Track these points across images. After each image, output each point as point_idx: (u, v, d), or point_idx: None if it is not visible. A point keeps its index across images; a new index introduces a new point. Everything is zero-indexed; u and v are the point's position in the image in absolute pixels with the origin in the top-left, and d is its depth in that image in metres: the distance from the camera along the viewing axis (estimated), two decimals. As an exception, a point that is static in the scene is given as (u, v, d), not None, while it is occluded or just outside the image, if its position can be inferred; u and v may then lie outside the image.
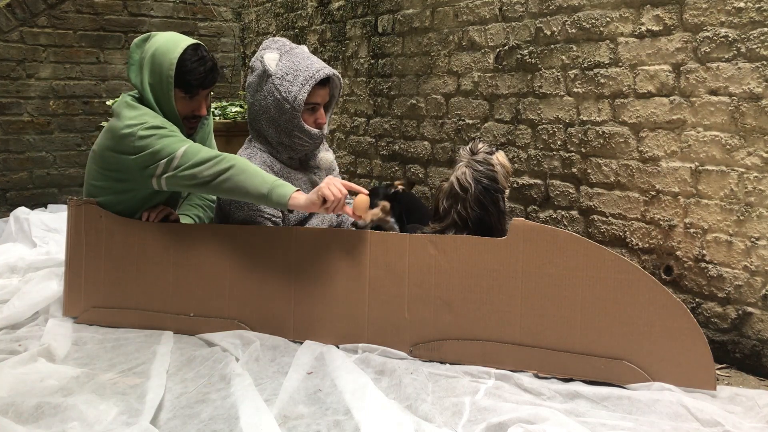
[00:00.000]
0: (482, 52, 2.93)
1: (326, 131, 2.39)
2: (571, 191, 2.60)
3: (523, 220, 1.97)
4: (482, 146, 2.15)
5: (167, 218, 2.38)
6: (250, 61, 4.90)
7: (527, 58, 2.72)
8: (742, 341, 2.11)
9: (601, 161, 2.47)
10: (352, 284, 2.13)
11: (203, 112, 2.37)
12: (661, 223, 2.29)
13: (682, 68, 2.19)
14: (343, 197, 2.04)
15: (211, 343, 2.18)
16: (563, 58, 2.58)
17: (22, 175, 4.31)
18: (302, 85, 2.22)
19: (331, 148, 2.47)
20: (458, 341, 2.03)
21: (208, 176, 2.12)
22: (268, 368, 1.99)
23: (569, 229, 2.59)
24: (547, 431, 1.55)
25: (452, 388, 1.85)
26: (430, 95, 3.24)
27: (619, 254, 1.97)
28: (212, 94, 4.26)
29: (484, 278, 1.99)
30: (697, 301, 2.22)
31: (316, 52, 4.00)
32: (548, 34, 2.62)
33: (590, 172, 2.51)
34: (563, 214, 2.63)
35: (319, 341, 2.15)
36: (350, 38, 3.77)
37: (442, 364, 2.03)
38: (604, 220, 2.48)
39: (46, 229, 3.40)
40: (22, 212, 3.54)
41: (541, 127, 2.69)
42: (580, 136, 2.54)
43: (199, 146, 2.19)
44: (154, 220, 2.34)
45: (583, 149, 2.53)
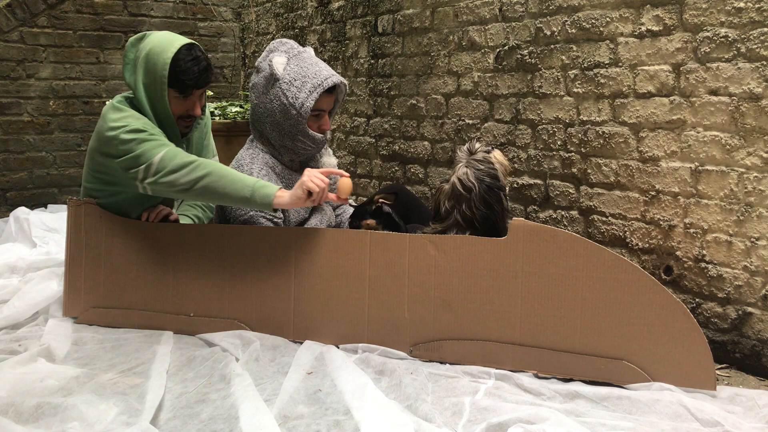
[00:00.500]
0: (482, 52, 2.93)
1: (329, 136, 2.39)
2: (571, 191, 2.60)
3: (523, 220, 1.97)
4: (479, 146, 2.16)
5: (167, 218, 2.38)
6: (249, 61, 4.92)
7: (527, 58, 2.72)
8: (742, 341, 2.11)
9: (601, 161, 2.47)
10: (352, 284, 2.13)
11: (197, 112, 2.35)
12: (661, 223, 2.29)
13: (682, 68, 2.20)
14: (326, 186, 2.07)
15: (211, 343, 2.18)
16: (563, 58, 2.58)
17: (22, 175, 4.31)
18: (310, 92, 2.22)
19: (330, 148, 2.47)
20: (458, 341, 2.03)
21: (185, 183, 2.12)
22: (268, 368, 1.99)
23: (569, 229, 2.59)
24: (547, 431, 1.55)
25: (452, 388, 1.85)
26: (430, 95, 3.24)
27: (619, 254, 1.97)
28: (210, 93, 4.26)
29: (484, 278, 1.99)
30: (697, 301, 2.22)
31: (316, 52, 4.00)
32: (548, 34, 2.62)
33: (590, 172, 2.51)
34: (563, 214, 2.63)
35: (319, 341, 2.15)
36: (350, 38, 3.77)
37: (442, 364, 2.03)
38: (604, 220, 2.48)
39: (46, 229, 3.40)
40: (22, 212, 3.54)
41: (541, 127, 2.69)
42: (580, 136, 2.54)
43: (176, 152, 2.16)
44: (153, 220, 2.34)
45: (583, 149, 2.53)
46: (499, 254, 1.97)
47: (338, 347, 2.11)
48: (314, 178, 2.06)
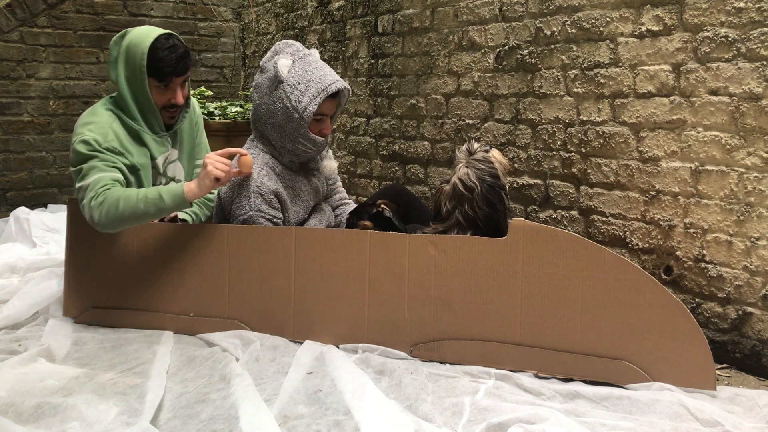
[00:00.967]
0: (482, 52, 2.93)
1: (330, 139, 2.40)
2: (571, 191, 2.60)
3: (523, 220, 1.97)
4: (478, 146, 2.16)
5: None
6: (249, 61, 4.93)
7: (527, 58, 2.72)
8: (742, 341, 2.11)
9: (601, 161, 2.47)
10: (352, 284, 2.13)
11: (179, 100, 2.37)
12: (661, 223, 2.29)
13: (682, 68, 2.19)
14: (230, 168, 2.17)
15: (211, 343, 2.18)
16: (563, 58, 2.58)
17: (22, 175, 4.31)
18: (314, 97, 2.22)
19: (331, 148, 2.47)
20: (458, 341, 2.03)
21: (99, 216, 2.14)
22: (268, 368, 1.99)
23: (569, 229, 2.59)
24: (547, 431, 1.55)
25: (452, 388, 1.85)
26: (430, 95, 3.24)
27: (619, 254, 1.98)
28: (210, 93, 4.26)
29: (484, 278, 1.99)
30: (697, 301, 2.22)
31: (316, 52, 4.00)
32: (548, 34, 2.62)
33: (590, 172, 2.51)
34: (563, 214, 2.63)
35: (319, 341, 2.15)
36: (350, 38, 3.77)
37: (442, 364, 2.03)
38: (604, 220, 2.48)
39: (46, 229, 3.40)
40: (22, 212, 3.54)
41: (541, 127, 2.69)
42: (580, 136, 2.54)
43: (101, 179, 2.17)
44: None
45: (583, 149, 2.53)
46: (499, 254, 1.97)
47: (338, 347, 2.11)
48: (217, 164, 2.14)
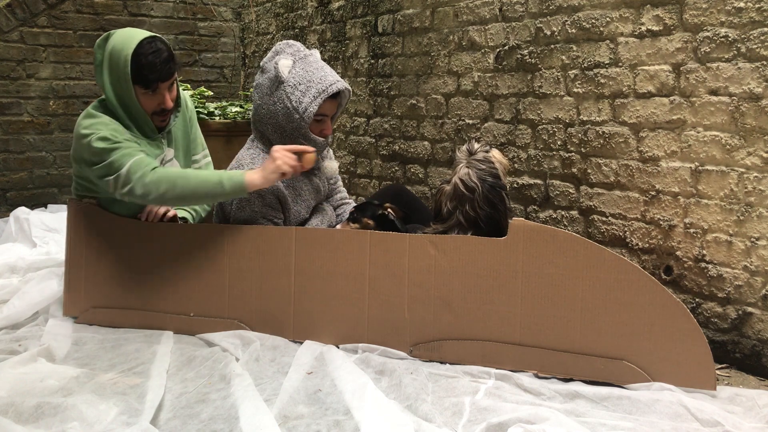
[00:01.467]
0: (482, 52, 2.93)
1: (330, 140, 2.40)
2: (571, 191, 2.60)
3: (523, 220, 1.97)
4: (478, 146, 2.16)
5: (165, 216, 2.38)
6: (249, 61, 4.92)
7: (527, 58, 2.72)
8: (742, 341, 2.11)
9: (601, 161, 2.47)
10: (352, 284, 2.13)
11: (168, 105, 2.32)
12: (661, 223, 2.29)
13: (682, 68, 2.19)
14: (296, 164, 2.15)
15: (211, 343, 2.18)
16: (563, 58, 2.58)
17: (22, 175, 4.31)
18: (314, 97, 2.22)
19: (331, 148, 2.46)
20: (458, 341, 2.03)
21: (154, 198, 2.14)
22: (268, 368, 1.99)
23: (569, 229, 2.59)
24: (547, 431, 1.55)
25: (452, 388, 1.85)
26: (430, 95, 3.24)
27: (619, 254, 1.98)
28: (210, 93, 4.26)
29: (484, 278, 1.99)
30: (697, 301, 2.22)
31: (316, 52, 4.00)
32: (548, 34, 2.62)
33: (590, 172, 2.51)
34: (563, 214, 2.63)
35: (319, 341, 2.15)
36: (350, 38, 3.77)
37: (442, 364, 2.03)
38: (604, 220, 2.48)
39: (46, 229, 3.40)
40: (22, 212, 3.54)
41: (541, 127, 2.69)
42: (580, 136, 2.54)
43: (140, 163, 2.15)
44: (153, 219, 2.34)
45: (583, 149, 2.53)
46: (499, 254, 1.97)
47: (338, 347, 2.11)
48: (287, 158, 2.12)
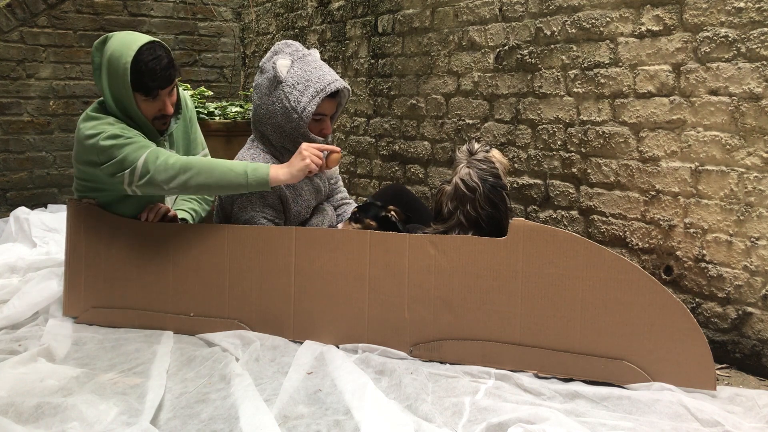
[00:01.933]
0: (482, 52, 2.93)
1: (330, 139, 2.39)
2: (571, 191, 2.60)
3: (523, 220, 1.97)
4: (478, 146, 2.16)
5: (165, 216, 2.38)
6: (249, 61, 4.92)
7: (527, 58, 2.72)
8: (742, 341, 2.11)
9: (601, 161, 2.47)
10: (352, 284, 2.13)
11: (169, 110, 2.31)
12: (661, 223, 2.29)
13: (682, 68, 2.19)
14: (322, 162, 2.18)
15: (211, 343, 2.18)
16: (563, 58, 2.58)
17: (22, 175, 4.31)
18: (312, 96, 2.22)
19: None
20: (458, 341, 2.03)
21: (175, 185, 2.13)
22: (268, 368, 1.99)
23: (569, 229, 2.59)
24: (547, 431, 1.55)
25: (452, 388, 1.85)
26: (430, 95, 3.24)
27: (619, 254, 1.97)
28: (210, 93, 4.26)
29: (484, 278, 1.99)
30: (697, 301, 2.22)
31: (316, 52, 4.00)
32: (548, 34, 2.62)
33: (590, 172, 2.51)
34: (563, 214, 2.63)
35: (319, 341, 2.15)
36: (350, 38, 3.77)
37: (442, 364, 2.03)
38: (604, 220, 2.48)
39: (46, 229, 3.40)
40: (22, 212, 3.54)
41: (541, 127, 2.69)
42: (580, 136, 2.54)
43: (158, 153, 2.15)
44: (153, 219, 2.34)
45: (583, 149, 2.53)
46: (499, 254, 1.97)
47: (338, 347, 2.11)
48: (314, 157, 2.14)
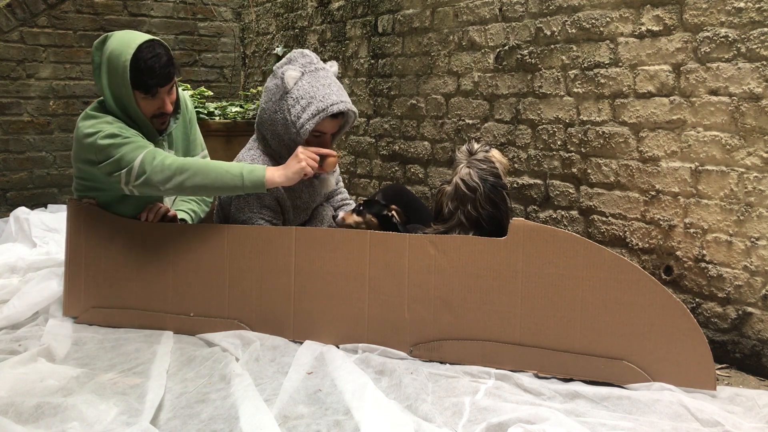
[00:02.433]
0: (482, 52, 2.93)
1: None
2: (571, 191, 2.60)
3: (523, 220, 1.97)
4: (478, 146, 2.16)
5: (165, 216, 2.38)
6: (249, 61, 4.92)
7: (527, 58, 2.72)
8: (742, 341, 2.11)
9: (601, 161, 2.47)
10: (352, 284, 2.13)
11: (168, 108, 2.31)
12: (661, 223, 2.29)
13: (682, 68, 2.19)
14: (317, 165, 2.20)
15: (211, 343, 2.18)
16: (563, 58, 2.58)
17: (22, 175, 4.31)
18: (312, 115, 2.19)
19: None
20: (458, 341, 2.03)
21: (172, 186, 2.13)
22: (268, 368, 1.99)
23: (569, 229, 2.59)
24: (547, 431, 1.55)
25: (452, 388, 1.85)
26: (430, 95, 3.24)
27: (619, 254, 1.97)
28: (210, 93, 4.26)
29: (484, 278, 1.99)
30: (697, 301, 2.22)
31: (316, 51, 4.00)
32: (548, 34, 2.62)
33: (590, 172, 2.51)
34: (563, 214, 2.63)
35: (319, 341, 2.15)
36: (350, 38, 3.77)
37: (442, 364, 2.03)
38: (604, 220, 2.48)
39: (46, 229, 3.40)
40: (22, 212, 3.54)
41: (541, 127, 2.69)
42: (580, 136, 2.54)
43: (155, 153, 2.15)
44: (152, 219, 2.34)
45: (583, 149, 2.53)
46: (499, 254, 1.97)
47: (338, 347, 2.11)
48: (310, 160, 2.16)
